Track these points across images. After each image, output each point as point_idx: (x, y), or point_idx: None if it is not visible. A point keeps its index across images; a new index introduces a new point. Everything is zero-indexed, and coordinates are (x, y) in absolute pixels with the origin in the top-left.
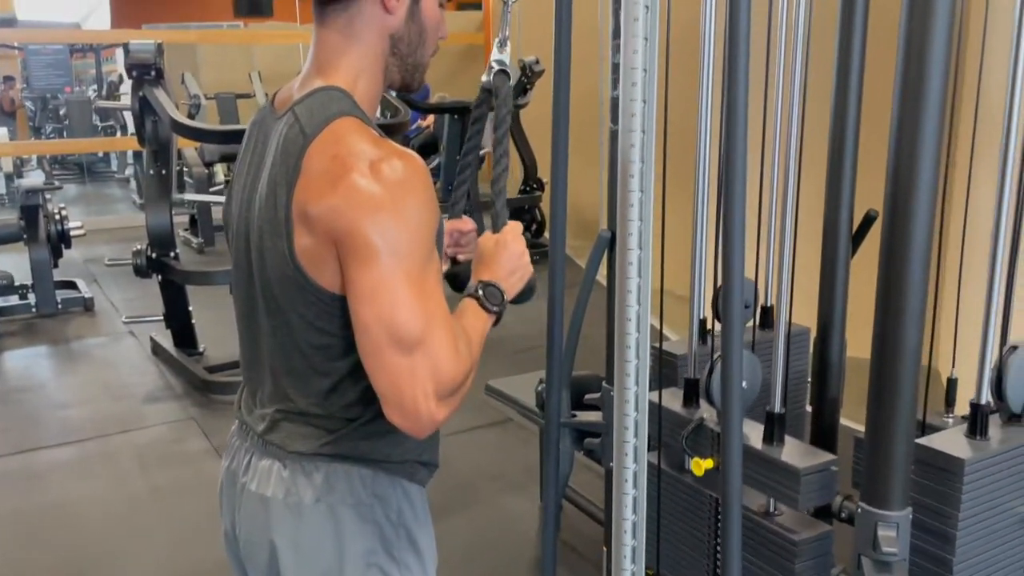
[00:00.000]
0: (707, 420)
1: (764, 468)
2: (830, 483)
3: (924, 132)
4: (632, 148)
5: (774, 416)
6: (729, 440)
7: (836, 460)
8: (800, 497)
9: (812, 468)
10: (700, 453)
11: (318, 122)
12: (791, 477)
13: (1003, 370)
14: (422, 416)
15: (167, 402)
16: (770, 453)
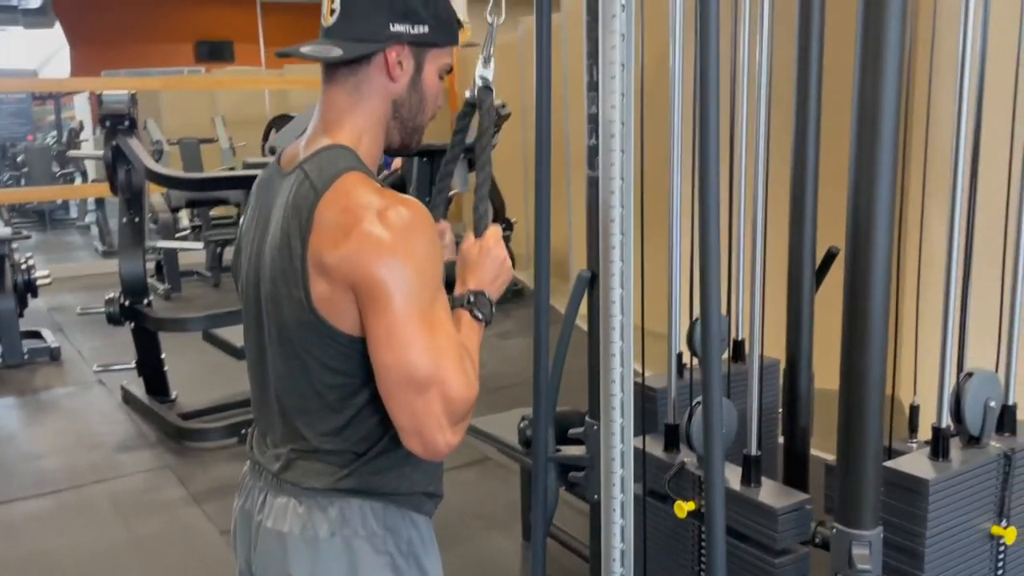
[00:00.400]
0: (688, 464)
1: (743, 509)
2: (805, 520)
3: (880, 173)
4: (612, 195)
5: (751, 459)
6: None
7: (810, 499)
8: (778, 536)
9: (788, 508)
10: (682, 496)
11: (327, 177)
12: (769, 517)
13: (961, 395)
14: (439, 445)
15: (141, 450)
16: (748, 495)
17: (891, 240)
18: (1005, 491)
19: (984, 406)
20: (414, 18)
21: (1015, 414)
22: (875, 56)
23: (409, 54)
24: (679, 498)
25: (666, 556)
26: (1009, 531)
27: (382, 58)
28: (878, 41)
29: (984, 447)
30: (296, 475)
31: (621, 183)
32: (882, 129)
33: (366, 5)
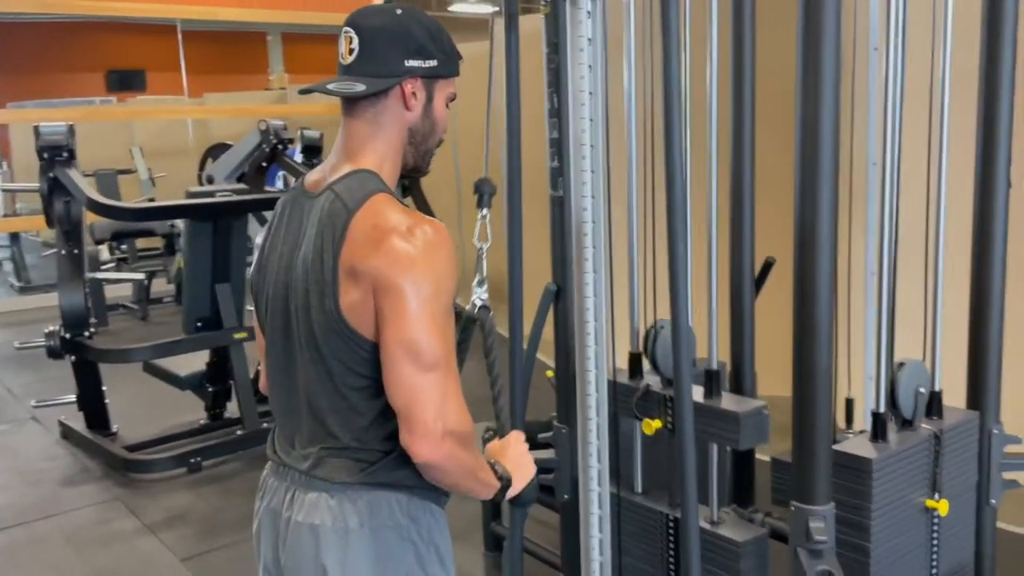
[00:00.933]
0: (652, 386)
1: (708, 417)
2: (763, 425)
3: (822, 193)
4: (585, 211)
5: (712, 373)
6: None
7: (766, 405)
8: (740, 438)
9: (749, 412)
10: (649, 415)
11: (358, 198)
12: (732, 421)
13: (895, 383)
14: (430, 433)
15: (87, 484)
16: (712, 404)
17: (834, 249)
18: (936, 468)
19: (915, 392)
20: (425, 54)
21: (941, 399)
22: (815, 86)
23: (422, 86)
24: (646, 417)
25: (638, 546)
26: (942, 503)
27: (399, 90)
28: (817, 71)
29: (916, 429)
30: (327, 471)
31: (592, 201)
32: (823, 150)
33: (383, 45)
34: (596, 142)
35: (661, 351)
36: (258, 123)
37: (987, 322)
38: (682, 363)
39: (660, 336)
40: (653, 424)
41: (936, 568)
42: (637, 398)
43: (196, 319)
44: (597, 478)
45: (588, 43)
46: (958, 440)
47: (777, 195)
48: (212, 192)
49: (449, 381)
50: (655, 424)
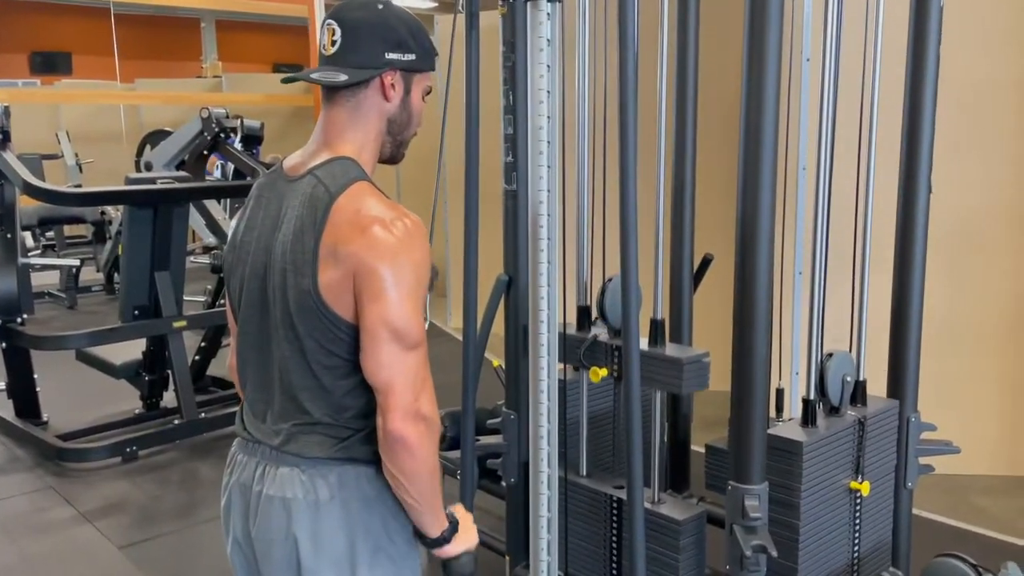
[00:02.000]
0: (600, 336)
1: (652, 364)
2: (704, 372)
3: (763, 194)
4: (541, 204)
5: (656, 322)
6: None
7: (708, 353)
8: (683, 383)
9: (691, 359)
10: (596, 363)
11: (340, 184)
12: (675, 367)
13: (824, 372)
14: (409, 410)
15: (19, 473)
16: (656, 352)
17: (772, 247)
18: (860, 452)
19: (842, 381)
20: (405, 47)
21: (865, 388)
22: (758, 94)
23: (400, 78)
24: (593, 365)
25: (583, 526)
26: (864, 485)
27: (379, 82)
28: (761, 80)
29: (843, 415)
30: (298, 447)
31: (548, 194)
32: (764, 154)
33: (365, 36)
34: (552, 138)
35: (610, 302)
36: (200, 111)
37: (908, 317)
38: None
39: (609, 288)
40: (600, 372)
41: (858, 546)
42: (585, 348)
43: (134, 307)
44: (547, 460)
45: (547, 44)
46: (880, 426)
47: (715, 195)
48: (153, 179)
49: (425, 368)
50: (601, 372)
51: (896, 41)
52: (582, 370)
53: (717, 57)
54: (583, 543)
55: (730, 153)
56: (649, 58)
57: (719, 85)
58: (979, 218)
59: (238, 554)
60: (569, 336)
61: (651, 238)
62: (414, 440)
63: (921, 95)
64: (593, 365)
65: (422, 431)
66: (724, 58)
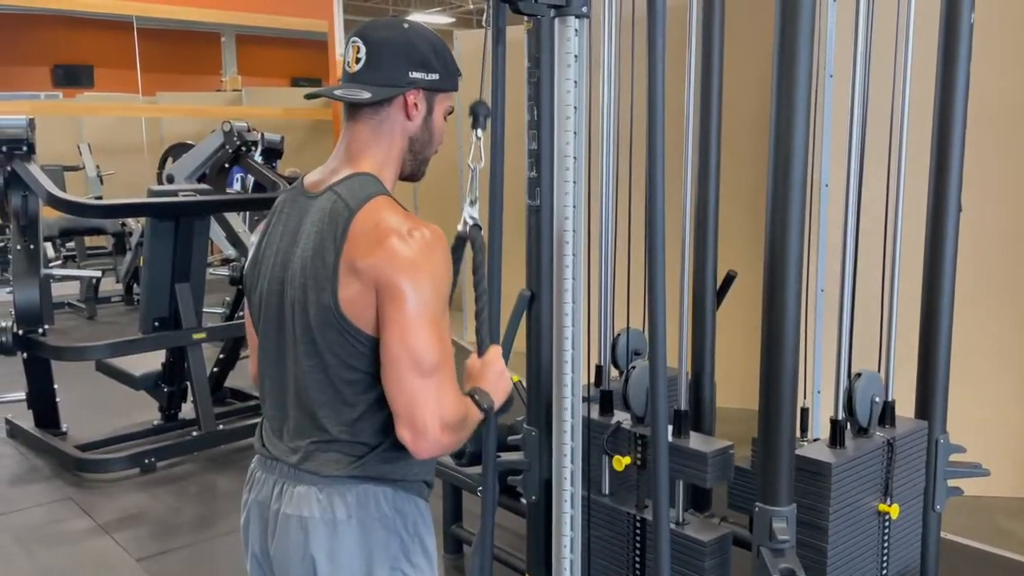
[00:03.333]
0: (623, 423)
1: (676, 456)
2: (728, 464)
3: (792, 211)
4: (567, 220)
5: (680, 413)
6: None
7: (732, 445)
8: (708, 476)
9: (716, 452)
10: (619, 452)
11: (360, 199)
12: (700, 460)
13: (852, 393)
14: (429, 433)
15: (37, 484)
16: (680, 444)
17: (800, 266)
18: (889, 474)
19: (871, 402)
20: (428, 67)
21: (894, 408)
22: (788, 111)
23: (423, 97)
24: (616, 454)
25: (605, 546)
26: (893, 508)
27: (402, 100)
28: (790, 93)
29: (871, 436)
30: (316, 465)
31: (574, 210)
32: (793, 172)
33: (389, 55)
34: (579, 154)
35: (634, 391)
36: (222, 124)
37: (937, 337)
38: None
39: (633, 376)
40: (623, 461)
41: (886, 569)
42: (608, 435)
43: (154, 318)
44: (570, 478)
45: (575, 59)
46: (909, 448)
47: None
48: (175, 192)
49: (446, 379)
50: (625, 461)
51: (925, 58)
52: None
53: (740, 72)
54: (605, 563)
55: (753, 169)
56: (673, 74)
57: (742, 101)
58: (1006, 240)
59: (257, 571)
60: (592, 421)
61: (678, 263)
62: (440, 452)
63: (951, 113)
64: (616, 453)
65: (446, 441)
66: (747, 74)
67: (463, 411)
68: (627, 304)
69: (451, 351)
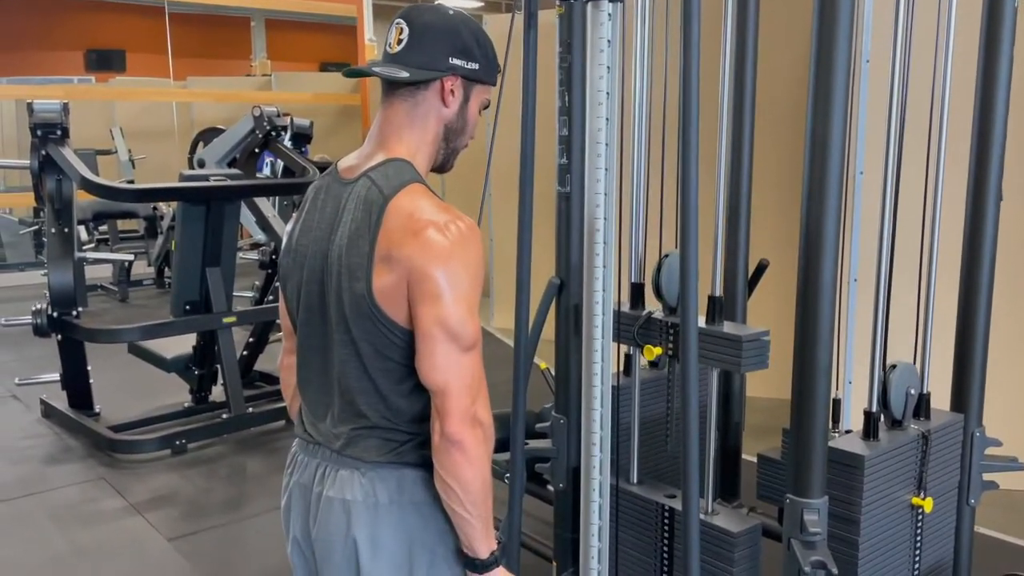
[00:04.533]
0: (655, 314)
1: (710, 342)
2: (764, 351)
3: (828, 199)
4: (598, 208)
5: (714, 299)
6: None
7: (768, 332)
8: (742, 361)
9: (751, 336)
10: (650, 342)
11: (394, 186)
12: (734, 345)
13: (887, 384)
14: (466, 413)
15: (71, 463)
16: (714, 329)
17: (836, 256)
18: (923, 467)
19: (906, 394)
20: (469, 55)
21: (929, 401)
22: (826, 98)
23: (461, 85)
24: (647, 343)
25: (633, 534)
26: (927, 501)
27: (439, 85)
28: (829, 79)
29: (905, 429)
30: (358, 451)
31: (605, 197)
32: (830, 160)
33: (432, 38)
34: (611, 141)
35: (666, 279)
36: (252, 109)
37: (974, 329)
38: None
39: (666, 264)
40: (655, 350)
41: (918, 563)
42: (639, 325)
43: (185, 302)
44: (599, 467)
45: (608, 45)
46: (944, 441)
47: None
48: (206, 176)
49: (480, 371)
50: (656, 351)
51: (966, 42)
52: (634, 376)
53: (776, 57)
54: (632, 552)
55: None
56: (708, 59)
57: (778, 86)
58: None
59: (298, 554)
60: (623, 314)
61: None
62: (470, 444)
63: (993, 99)
64: (647, 343)
65: (479, 436)
66: (783, 58)
67: (492, 431)
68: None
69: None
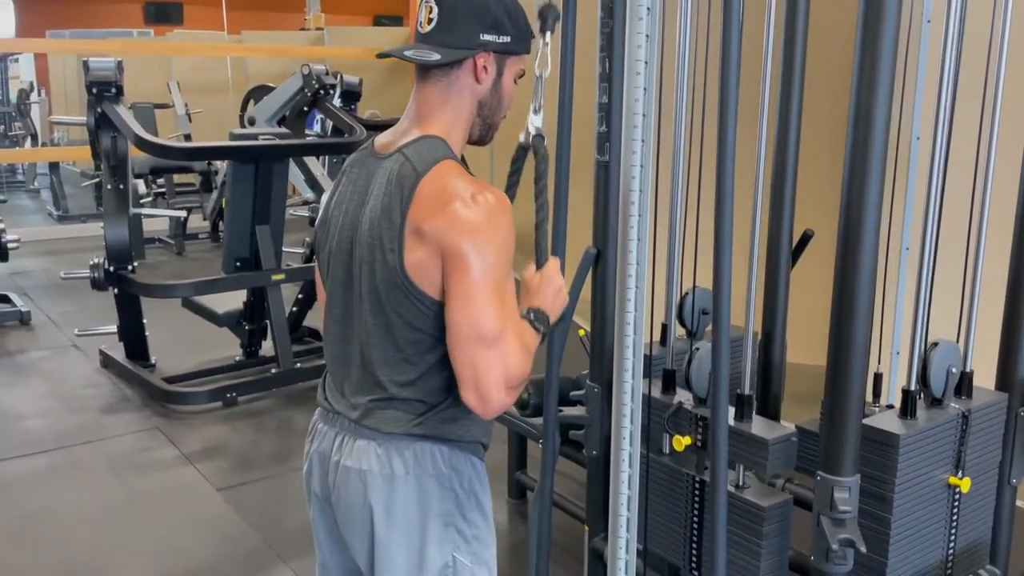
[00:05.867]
0: (685, 403)
1: (736, 441)
2: (791, 452)
3: (871, 171)
4: (633, 179)
5: (743, 397)
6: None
7: (796, 432)
8: (768, 464)
9: (778, 439)
10: (680, 432)
11: (428, 162)
12: (760, 447)
13: (927, 362)
14: (493, 400)
15: (127, 413)
16: (742, 428)
17: (878, 226)
18: (962, 446)
19: (947, 372)
20: (500, 29)
21: (972, 380)
22: (872, 65)
23: (493, 60)
24: (677, 433)
25: (664, 505)
26: (964, 481)
27: (471, 63)
28: (875, 54)
29: (945, 408)
30: (375, 422)
31: (641, 169)
32: (875, 129)
33: (461, 16)
34: (648, 111)
35: (696, 373)
36: (301, 67)
37: (1022, 305)
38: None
39: (696, 358)
40: (683, 441)
41: (953, 542)
42: (669, 415)
43: (235, 259)
44: (629, 438)
45: (647, 12)
46: (985, 420)
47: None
48: (255, 135)
49: (511, 344)
50: (685, 441)
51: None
52: (669, 346)
53: (826, 17)
54: (663, 520)
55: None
56: (755, 27)
57: (826, 48)
58: None
59: (320, 516)
60: (653, 400)
61: (748, 220)
62: (500, 408)
63: None
64: (676, 433)
65: (510, 399)
66: (834, 19)
67: (526, 369)
68: (694, 262)
69: (515, 310)
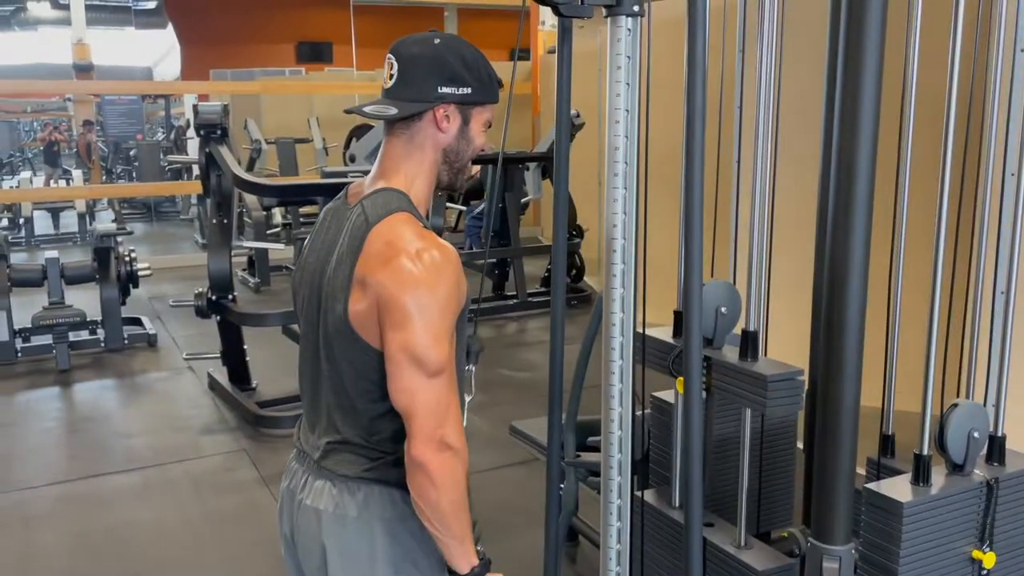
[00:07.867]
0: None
1: (737, 379)
2: (796, 392)
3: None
4: (615, 228)
5: (748, 334)
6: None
7: (802, 371)
8: (768, 402)
9: (779, 376)
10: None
11: (380, 214)
12: (760, 384)
13: (945, 425)
14: (432, 438)
15: (222, 434)
16: (742, 366)
17: (865, 277)
18: (987, 517)
19: (968, 436)
20: (459, 82)
21: (1004, 444)
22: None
23: (456, 111)
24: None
25: (666, 559)
26: (989, 556)
27: (431, 114)
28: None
29: (968, 475)
30: (332, 463)
31: (624, 218)
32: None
33: (419, 72)
34: (630, 160)
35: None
36: None
37: None
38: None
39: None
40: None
41: None
42: (673, 357)
43: None
44: (617, 468)
45: (627, 61)
46: (1018, 489)
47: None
48: (344, 172)
49: (451, 395)
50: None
51: None
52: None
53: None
54: (661, 573)
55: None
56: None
57: None
58: None
59: (287, 552)
60: (659, 341)
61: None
62: (435, 467)
63: None
64: (680, 375)
65: (445, 459)
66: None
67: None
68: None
69: (455, 370)
